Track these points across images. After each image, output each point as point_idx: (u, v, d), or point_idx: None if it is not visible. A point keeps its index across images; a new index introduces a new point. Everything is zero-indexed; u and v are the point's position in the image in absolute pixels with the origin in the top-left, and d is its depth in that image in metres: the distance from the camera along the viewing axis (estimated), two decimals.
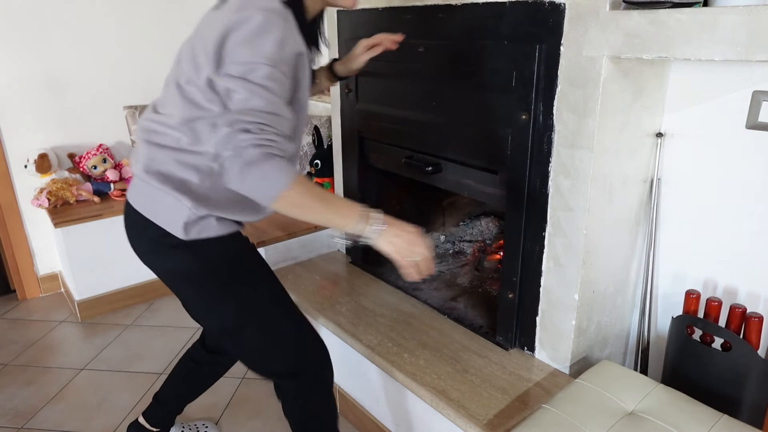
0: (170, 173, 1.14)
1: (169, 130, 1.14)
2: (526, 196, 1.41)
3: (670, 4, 1.08)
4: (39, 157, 2.49)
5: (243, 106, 1.00)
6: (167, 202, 1.14)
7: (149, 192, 1.17)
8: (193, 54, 1.10)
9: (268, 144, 1.00)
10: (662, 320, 1.53)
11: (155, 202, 1.16)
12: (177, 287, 1.27)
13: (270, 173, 1.00)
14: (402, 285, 1.94)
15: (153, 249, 1.21)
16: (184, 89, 1.12)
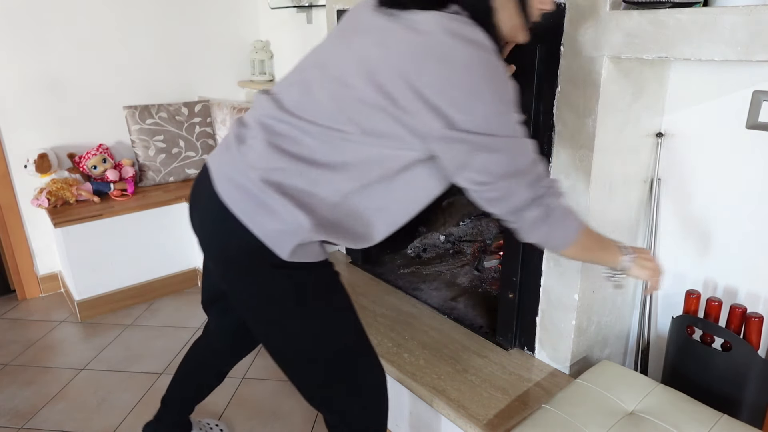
0: (298, 189, 0.98)
1: (312, 141, 0.97)
2: None
3: (670, 4, 1.08)
4: (39, 157, 2.49)
5: (512, 169, 0.92)
6: (282, 218, 0.98)
7: (261, 200, 0.99)
8: (377, 79, 0.91)
9: (550, 193, 0.97)
10: (662, 320, 1.53)
11: (265, 214, 0.99)
12: (252, 306, 1.11)
13: (567, 222, 1.01)
14: (402, 285, 1.94)
15: (242, 262, 1.05)
16: (360, 109, 0.94)
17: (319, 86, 0.98)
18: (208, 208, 1.07)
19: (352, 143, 0.96)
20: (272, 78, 3.11)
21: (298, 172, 0.98)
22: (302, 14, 2.76)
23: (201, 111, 2.87)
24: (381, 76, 0.91)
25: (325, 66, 1.01)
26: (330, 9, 1.92)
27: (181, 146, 2.81)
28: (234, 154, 1.04)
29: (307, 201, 0.98)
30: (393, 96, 0.90)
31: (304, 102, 1.00)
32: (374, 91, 0.92)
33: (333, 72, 0.98)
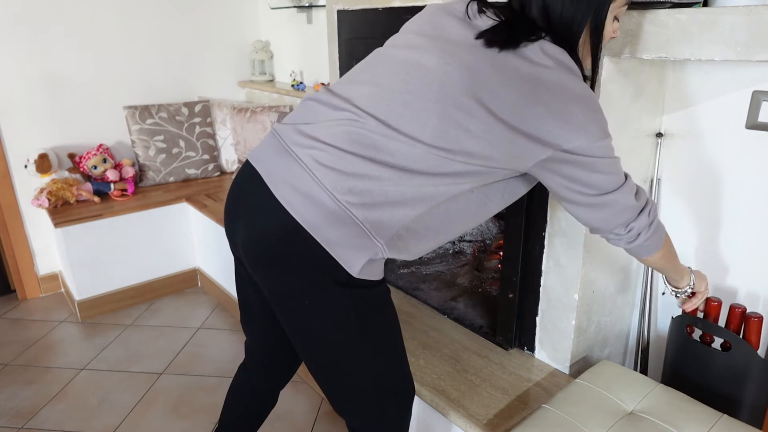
0: (382, 202, 0.94)
1: (409, 155, 0.93)
2: (526, 195, 1.41)
3: (670, 4, 1.08)
4: (39, 157, 2.49)
5: (612, 186, 0.96)
6: (356, 233, 0.94)
7: (336, 214, 0.93)
8: (488, 105, 0.90)
9: (651, 202, 1.03)
10: (662, 320, 1.53)
11: (339, 227, 0.93)
12: (304, 319, 1.05)
13: (658, 232, 1.05)
14: (402, 285, 1.94)
15: (304, 278, 0.99)
16: (465, 131, 0.92)
17: (422, 103, 0.94)
18: (266, 212, 0.99)
19: (452, 162, 0.94)
20: (272, 78, 3.11)
21: (383, 179, 0.93)
22: (302, 14, 2.77)
23: (201, 111, 2.87)
24: (493, 103, 0.91)
25: (423, 78, 0.95)
26: (330, 9, 1.92)
27: (182, 146, 2.81)
28: (292, 157, 0.97)
29: (388, 215, 0.95)
30: (504, 120, 0.90)
31: (402, 114, 0.94)
32: (486, 114, 0.91)
33: (435, 87, 0.94)
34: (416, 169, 0.94)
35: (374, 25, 1.74)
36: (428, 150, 0.93)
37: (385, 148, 0.93)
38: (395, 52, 1.02)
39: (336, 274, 0.97)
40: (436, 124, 0.92)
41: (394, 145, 0.93)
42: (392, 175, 0.93)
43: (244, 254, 1.05)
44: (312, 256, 0.95)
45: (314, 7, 2.66)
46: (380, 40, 1.44)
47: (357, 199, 0.93)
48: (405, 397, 1.18)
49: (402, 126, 0.93)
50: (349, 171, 0.93)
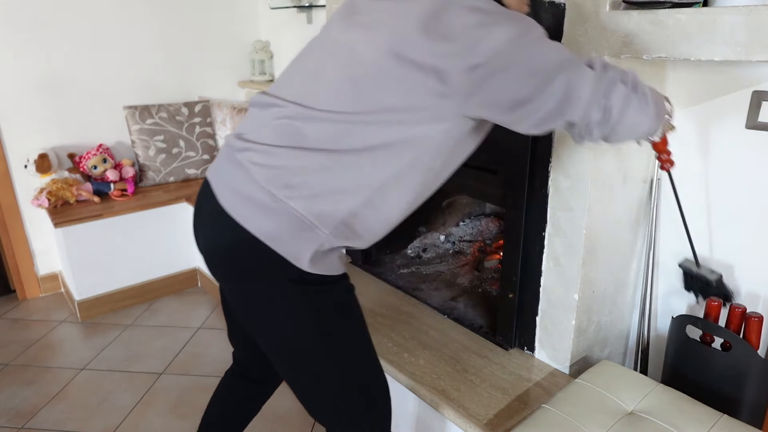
0: (314, 186, 0.93)
1: (329, 130, 0.92)
2: (526, 196, 1.41)
3: (670, 4, 1.08)
4: (39, 157, 2.49)
5: (561, 58, 0.89)
6: (298, 225, 0.93)
7: (270, 207, 0.94)
8: (397, 50, 0.90)
9: (614, 66, 0.92)
10: (662, 320, 1.53)
11: (281, 222, 0.94)
12: (267, 324, 1.04)
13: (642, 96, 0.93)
14: (402, 285, 1.94)
15: (254, 279, 0.99)
16: (382, 84, 0.90)
17: (332, 72, 0.93)
18: (214, 225, 1.01)
19: (379, 129, 0.91)
20: (272, 78, 3.11)
21: (315, 167, 0.92)
22: (302, 14, 2.77)
23: (201, 111, 2.87)
24: (399, 48, 0.88)
25: (333, 51, 0.96)
26: (330, 9, 1.92)
27: (181, 146, 2.81)
28: (235, 163, 0.99)
29: (331, 203, 0.94)
30: (412, 60, 0.87)
31: (315, 90, 0.94)
32: (394, 62, 0.88)
33: (344, 53, 0.94)
34: (345, 147, 0.92)
35: None
36: (350, 120, 0.91)
37: (309, 132, 0.93)
38: (315, 38, 1.05)
39: (288, 272, 0.95)
40: (350, 90, 0.91)
41: (317, 127, 0.92)
42: (324, 159, 0.92)
43: (208, 268, 1.06)
44: (261, 258, 0.95)
45: (314, 7, 2.66)
46: None
47: (295, 192, 0.93)
48: (381, 408, 1.14)
49: (317, 103, 0.93)
50: (281, 165, 0.93)
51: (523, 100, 0.89)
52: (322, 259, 0.98)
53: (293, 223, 0.94)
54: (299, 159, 0.93)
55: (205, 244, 1.05)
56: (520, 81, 0.88)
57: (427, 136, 0.93)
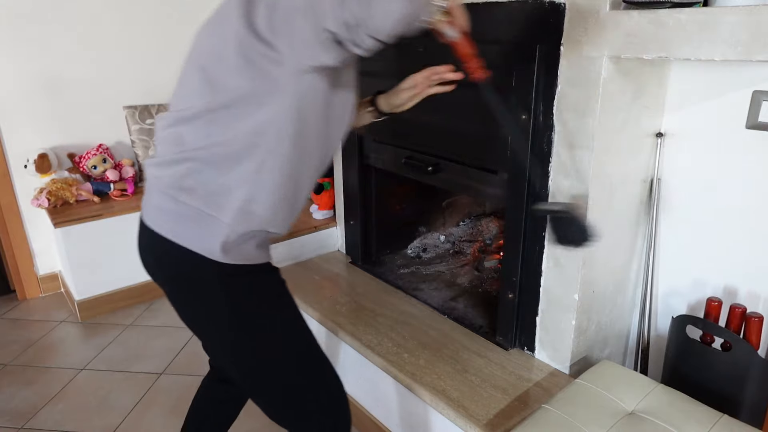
0: (203, 183, 0.99)
1: (198, 128, 0.98)
2: (526, 196, 1.41)
3: (670, 4, 1.08)
4: (39, 157, 2.49)
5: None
6: (203, 221, 0.99)
7: (176, 211, 1.01)
8: (223, 34, 0.98)
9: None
10: (662, 320, 1.53)
11: (188, 222, 1.00)
12: (202, 323, 1.10)
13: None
14: (402, 285, 1.94)
15: (179, 278, 1.05)
16: (225, 70, 0.96)
17: (187, 73, 1.01)
18: (145, 243, 1.08)
19: (235, 114, 0.95)
20: None
21: (199, 166, 0.98)
22: None
23: None
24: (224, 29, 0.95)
25: (190, 51, 1.04)
26: None
27: None
28: (148, 181, 1.07)
29: (224, 196, 0.98)
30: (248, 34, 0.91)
31: (181, 94, 1.02)
32: (237, 45, 0.93)
33: (193, 56, 1.02)
34: (217, 140, 0.97)
35: None
36: (210, 111, 0.96)
37: (184, 136, 0.99)
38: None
39: (207, 268, 1.00)
40: (199, 81, 0.97)
41: (188, 128, 0.99)
42: (205, 158, 0.98)
43: (160, 286, 1.11)
44: (181, 259, 1.01)
45: None
46: None
47: (191, 195, 0.99)
48: (328, 399, 1.16)
49: (182, 103, 1.01)
50: (173, 173, 1.00)
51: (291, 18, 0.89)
52: (236, 248, 1.01)
53: (197, 220, 0.99)
54: (186, 166, 0.99)
55: (145, 263, 1.11)
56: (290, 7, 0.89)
57: (284, 108, 0.95)
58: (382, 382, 1.61)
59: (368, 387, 1.71)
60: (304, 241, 2.20)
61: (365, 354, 1.61)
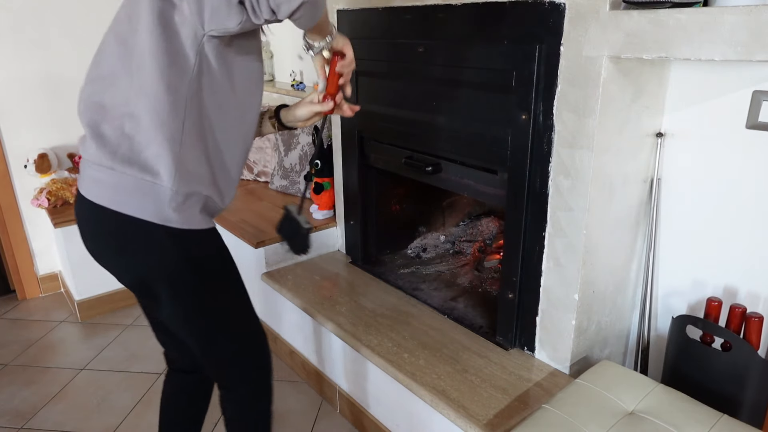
0: (129, 145, 1.02)
1: (115, 89, 1.05)
2: (526, 196, 1.41)
3: (670, 4, 1.08)
4: (39, 157, 2.49)
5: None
6: (139, 186, 1.03)
7: (114, 181, 1.03)
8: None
9: None
10: (662, 320, 1.53)
11: (124, 189, 1.03)
12: (150, 287, 1.12)
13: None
14: (402, 285, 1.94)
15: (123, 246, 1.08)
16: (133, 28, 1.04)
17: (108, 42, 1.10)
18: (86, 218, 1.10)
19: (148, 75, 1.00)
20: (272, 78, 3.11)
21: (128, 132, 1.02)
22: None
23: None
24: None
25: (108, 31, 1.12)
26: (330, 9, 1.92)
27: None
28: (83, 160, 1.10)
29: (149, 155, 1.02)
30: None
31: (98, 62, 1.11)
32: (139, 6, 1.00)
33: (111, 26, 1.11)
34: (136, 104, 1.02)
35: (374, 25, 1.74)
36: (127, 75, 1.04)
37: (107, 102, 1.06)
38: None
39: (155, 233, 1.05)
40: (115, 46, 1.09)
41: (110, 94, 1.07)
42: (127, 122, 1.03)
43: (100, 264, 1.14)
44: (129, 226, 1.04)
45: None
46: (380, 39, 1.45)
47: (125, 159, 1.02)
48: (262, 357, 1.29)
49: (102, 71, 1.12)
50: (100, 144, 1.04)
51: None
52: (182, 211, 1.06)
53: (137, 186, 1.03)
54: (110, 130, 1.04)
55: (84, 239, 1.13)
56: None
57: (191, 69, 1.01)
58: (382, 382, 1.62)
59: (368, 387, 1.71)
60: None
61: (365, 354, 1.61)
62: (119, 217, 1.03)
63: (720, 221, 1.36)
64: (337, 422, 1.85)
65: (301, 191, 2.61)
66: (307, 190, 1.87)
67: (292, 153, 2.61)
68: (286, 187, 2.66)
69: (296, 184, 2.62)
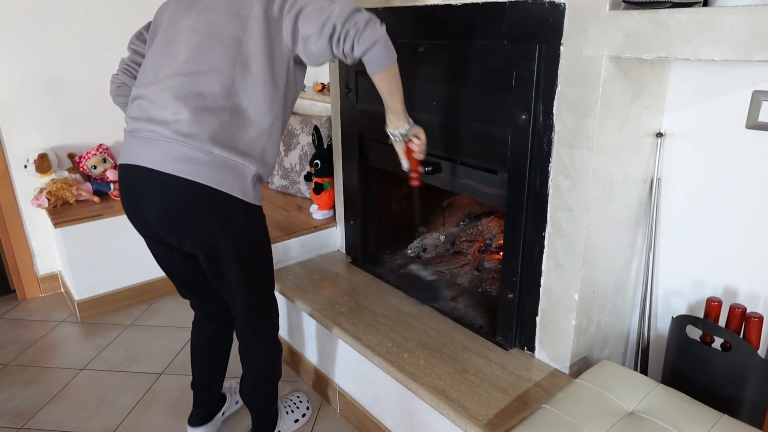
0: (232, 134, 1.25)
1: (217, 87, 1.24)
2: (526, 196, 1.41)
3: (670, 4, 1.08)
4: (39, 157, 2.49)
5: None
6: (233, 168, 1.25)
7: (209, 162, 1.22)
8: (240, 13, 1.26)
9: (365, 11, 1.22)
10: (662, 320, 1.53)
11: (219, 169, 1.23)
12: (217, 250, 1.32)
13: (389, 43, 1.23)
14: (402, 285, 1.94)
15: (204, 215, 1.27)
16: (241, 41, 1.25)
17: (203, 42, 1.24)
18: (162, 191, 1.25)
19: (251, 73, 1.24)
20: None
21: (228, 121, 1.23)
22: None
23: None
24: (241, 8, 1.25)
25: (194, 27, 1.26)
26: None
27: None
28: (159, 142, 1.23)
29: (243, 145, 1.26)
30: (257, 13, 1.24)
31: (196, 58, 1.24)
32: (242, 21, 1.24)
33: (204, 28, 1.25)
34: (239, 100, 1.27)
35: None
36: (237, 72, 1.27)
37: (206, 92, 1.25)
38: (163, 28, 1.36)
39: (236, 206, 1.27)
40: (219, 47, 1.27)
41: (210, 86, 1.26)
42: (227, 117, 1.25)
43: (160, 230, 1.31)
44: (215, 200, 1.24)
45: None
46: None
47: (223, 145, 1.23)
48: (277, 313, 1.59)
49: (200, 65, 1.28)
50: (201, 130, 1.22)
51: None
52: (255, 191, 1.32)
53: (231, 168, 1.25)
54: (213, 120, 1.22)
55: (158, 207, 1.28)
56: None
57: (284, 81, 1.31)
58: (382, 382, 1.62)
59: (368, 387, 1.71)
60: (304, 241, 2.20)
61: (365, 354, 1.61)
62: (208, 190, 1.23)
63: (720, 221, 1.36)
64: (337, 422, 1.85)
65: (301, 191, 2.61)
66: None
67: (292, 153, 2.61)
68: (286, 187, 2.66)
69: (296, 184, 2.62)
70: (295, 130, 2.60)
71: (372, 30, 1.18)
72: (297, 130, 2.60)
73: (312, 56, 1.25)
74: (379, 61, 1.22)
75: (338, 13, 1.18)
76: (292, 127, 2.63)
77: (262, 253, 1.43)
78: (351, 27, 1.17)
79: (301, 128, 2.58)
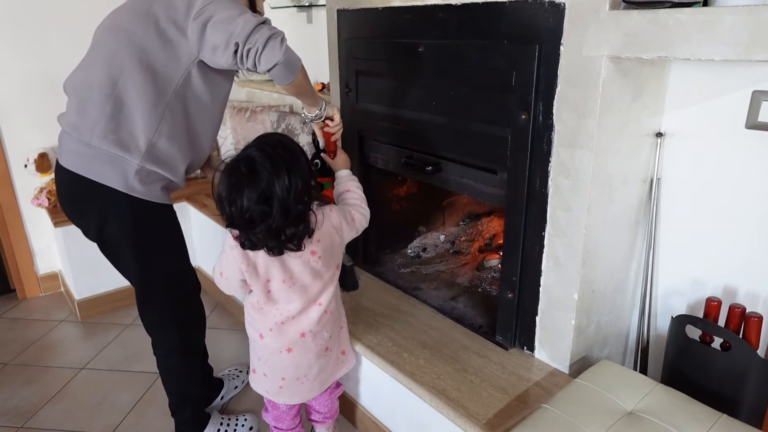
0: (118, 131, 1.32)
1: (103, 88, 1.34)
2: (526, 195, 1.41)
3: (670, 4, 1.08)
4: (39, 157, 2.50)
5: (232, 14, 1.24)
6: (111, 159, 1.33)
7: (90, 154, 1.33)
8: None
9: (268, 23, 1.27)
10: (662, 320, 1.53)
11: (99, 161, 1.33)
12: (107, 242, 1.44)
13: (290, 58, 1.27)
14: (402, 285, 1.94)
15: (89, 207, 1.38)
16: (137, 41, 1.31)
17: (102, 37, 1.35)
18: (66, 185, 1.42)
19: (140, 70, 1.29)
20: None
21: (110, 113, 1.30)
22: (302, 14, 2.76)
23: None
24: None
25: (103, 25, 1.40)
26: (330, 9, 1.92)
27: None
28: (62, 134, 1.45)
29: (125, 137, 1.32)
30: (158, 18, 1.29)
31: (94, 51, 1.35)
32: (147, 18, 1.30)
33: (107, 24, 1.38)
34: (125, 94, 1.34)
35: (374, 24, 1.74)
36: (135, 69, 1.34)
37: (94, 95, 1.36)
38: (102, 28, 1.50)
39: (122, 200, 1.34)
40: (115, 42, 1.35)
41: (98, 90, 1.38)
42: (110, 108, 1.33)
43: (70, 218, 1.50)
44: (100, 190, 1.33)
45: (314, 7, 2.66)
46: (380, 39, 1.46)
47: (106, 136, 1.32)
48: (199, 313, 1.68)
49: (97, 68, 1.39)
50: (82, 121, 1.36)
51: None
52: (144, 186, 1.35)
53: (110, 160, 1.32)
54: (95, 111, 1.31)
55: (61, 197, 1.46)
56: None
57: (180, 80, 1.35)
58: (382, 382, 1.62)
59: (368, 387, 1.71)
60: None
61: (365, 354, 1.61)
62: (88, 182, 1.32)
63: (720, 221, 1.36)
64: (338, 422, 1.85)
65: None
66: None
67: None
68: None
69: None
70: (295, 130, 2.60)
71: (271, 50, 1.20)
72: (297, 130, 2.60)
73: (221, 66, 1.29)
74: (284, 76, 1.27)
75: (240, 30, 1.20)
76: (292, 126, 2.63)
77: (155, 250, 1.46)
78: (251, 46, 1.20)
79: (302, 128, 2.58)
